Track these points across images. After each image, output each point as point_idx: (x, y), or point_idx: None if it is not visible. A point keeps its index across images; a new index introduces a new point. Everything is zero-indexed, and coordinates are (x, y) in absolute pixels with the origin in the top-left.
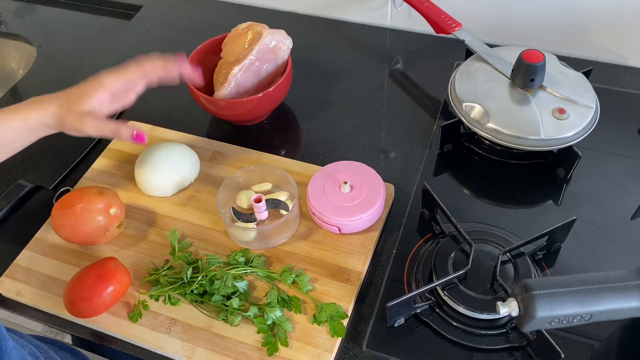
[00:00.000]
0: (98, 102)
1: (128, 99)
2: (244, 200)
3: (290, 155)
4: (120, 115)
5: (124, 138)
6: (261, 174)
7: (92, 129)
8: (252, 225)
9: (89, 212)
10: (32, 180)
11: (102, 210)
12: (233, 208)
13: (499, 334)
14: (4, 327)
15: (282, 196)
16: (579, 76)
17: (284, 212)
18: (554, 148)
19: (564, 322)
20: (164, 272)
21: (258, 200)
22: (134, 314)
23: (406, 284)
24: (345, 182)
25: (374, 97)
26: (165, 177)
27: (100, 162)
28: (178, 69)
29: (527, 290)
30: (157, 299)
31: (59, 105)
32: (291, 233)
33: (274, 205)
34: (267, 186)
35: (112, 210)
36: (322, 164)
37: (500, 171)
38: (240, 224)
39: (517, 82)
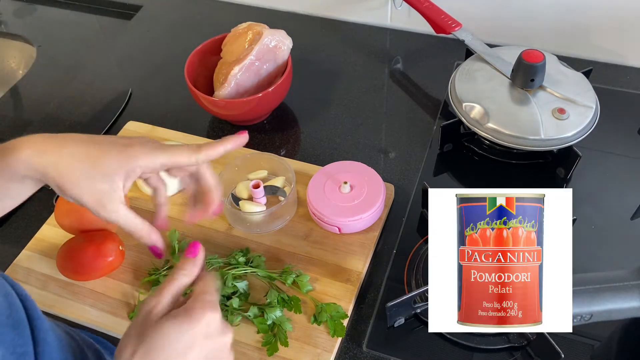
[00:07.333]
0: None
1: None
2: (242, 190)
3: (290, 155)
4: (120, 116)
5: (145, 241)
6: (257, 162)
7: (121, 220)
8: (259, 208)
9: None
10: None
11: None
12: (232, 194)
13: (499, 334)
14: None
15: (278, 182)
16: (579, 76)
17: (281, 197)
18: (554, 148)
19: None
20: (164, 272)
21: (256, 186)
22: (134, 313)
23: (406, 284)
24: (345, 182)
25: (374, 97)
26: (165, 177)
27: None
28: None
29: None
30: None
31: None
32: (290, 217)
33: (272, 191)
34: (263, 173)
35: None
36: (322, 164)
37: (501, 171)
38: (247, 207)
39: (517, 82)
